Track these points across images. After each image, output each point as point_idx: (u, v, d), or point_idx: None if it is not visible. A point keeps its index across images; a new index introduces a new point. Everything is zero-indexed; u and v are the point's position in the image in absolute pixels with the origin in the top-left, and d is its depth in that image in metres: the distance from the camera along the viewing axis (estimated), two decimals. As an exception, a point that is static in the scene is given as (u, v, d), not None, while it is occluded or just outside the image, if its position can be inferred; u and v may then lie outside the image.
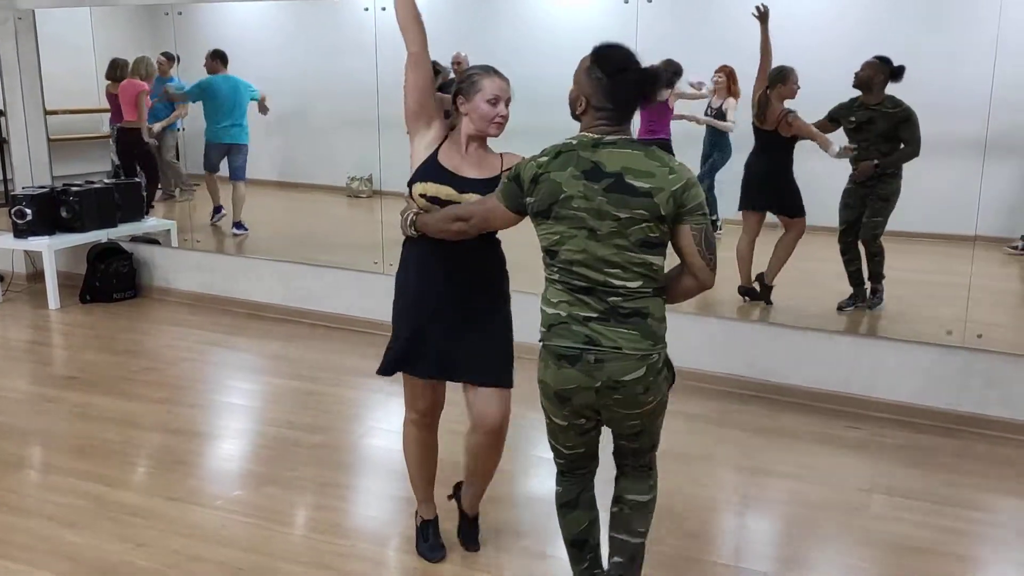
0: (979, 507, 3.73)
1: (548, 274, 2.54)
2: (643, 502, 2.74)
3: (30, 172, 7.09)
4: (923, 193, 5.01)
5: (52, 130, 7.18)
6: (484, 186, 2.82)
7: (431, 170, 2.89)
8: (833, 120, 5.14)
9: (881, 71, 4.87)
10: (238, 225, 7.22)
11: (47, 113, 7.09)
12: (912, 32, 4.96)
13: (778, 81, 5.07)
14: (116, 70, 7.35)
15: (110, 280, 6.68)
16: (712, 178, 5.96)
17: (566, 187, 2.42)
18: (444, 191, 2.85)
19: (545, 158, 2.49)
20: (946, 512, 3.67)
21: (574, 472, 2.75)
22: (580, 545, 2.77)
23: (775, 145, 5.19)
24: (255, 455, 4.21)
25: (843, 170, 5.11)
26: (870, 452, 4.25)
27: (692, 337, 5.03)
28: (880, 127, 4.91)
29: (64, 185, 6.71)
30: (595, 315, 2.44)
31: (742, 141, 5.43)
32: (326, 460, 4.09)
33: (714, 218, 6.05)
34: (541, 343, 2.55)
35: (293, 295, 6.29)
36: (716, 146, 5.96)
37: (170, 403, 4.74)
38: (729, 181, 5.57)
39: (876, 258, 5.12)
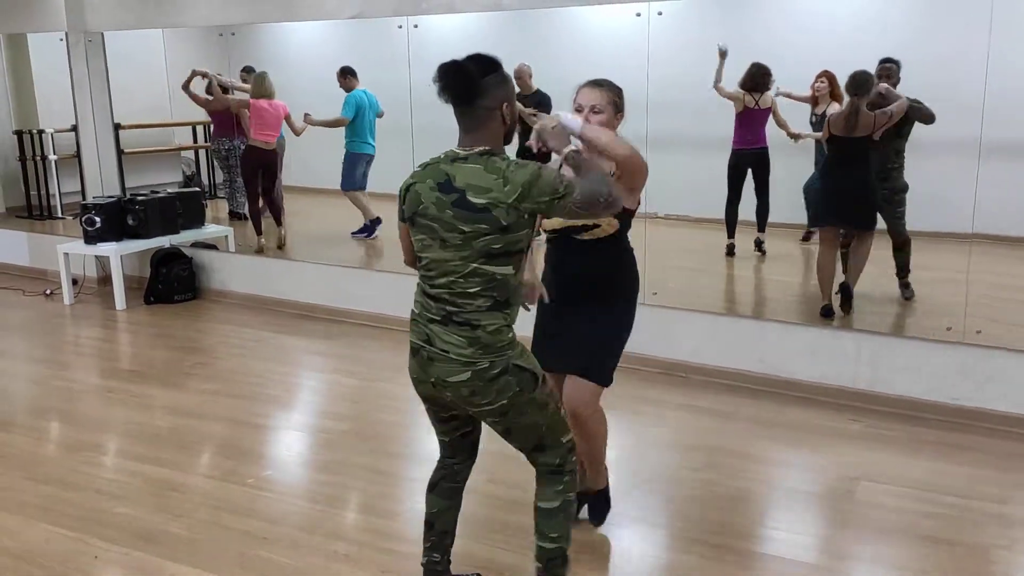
0: (986, 497, 3.86)
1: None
2: (548, 509, 2.80)
3: (101, 183, 7.63)
4: (921, 191, 5.10)
5: (126, 144, 7.70)
6: None
7: None
8: None
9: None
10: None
11: (118, 128, 7.61)
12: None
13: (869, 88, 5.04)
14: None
15: (172, 283, 7.16)
16: None
17: (424, 198, 2.61)
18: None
19: (419, 169, 2.69)
20: (956, 503, 3.81)
21: (443, 459, 2.95)
22: (428, 525, 2.97)
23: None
24: (296, 441, 4.59)
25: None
26: (872, 443, 4.41)
27: (705, 334, 5.25)
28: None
29: (131, 195, 7.24)
30: (437, 318, 2.62)
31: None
32: (369, 449, 4.37)
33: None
34: None
35: (338, 296, 6.68)
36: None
37: (219, 394, 5.16)
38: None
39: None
